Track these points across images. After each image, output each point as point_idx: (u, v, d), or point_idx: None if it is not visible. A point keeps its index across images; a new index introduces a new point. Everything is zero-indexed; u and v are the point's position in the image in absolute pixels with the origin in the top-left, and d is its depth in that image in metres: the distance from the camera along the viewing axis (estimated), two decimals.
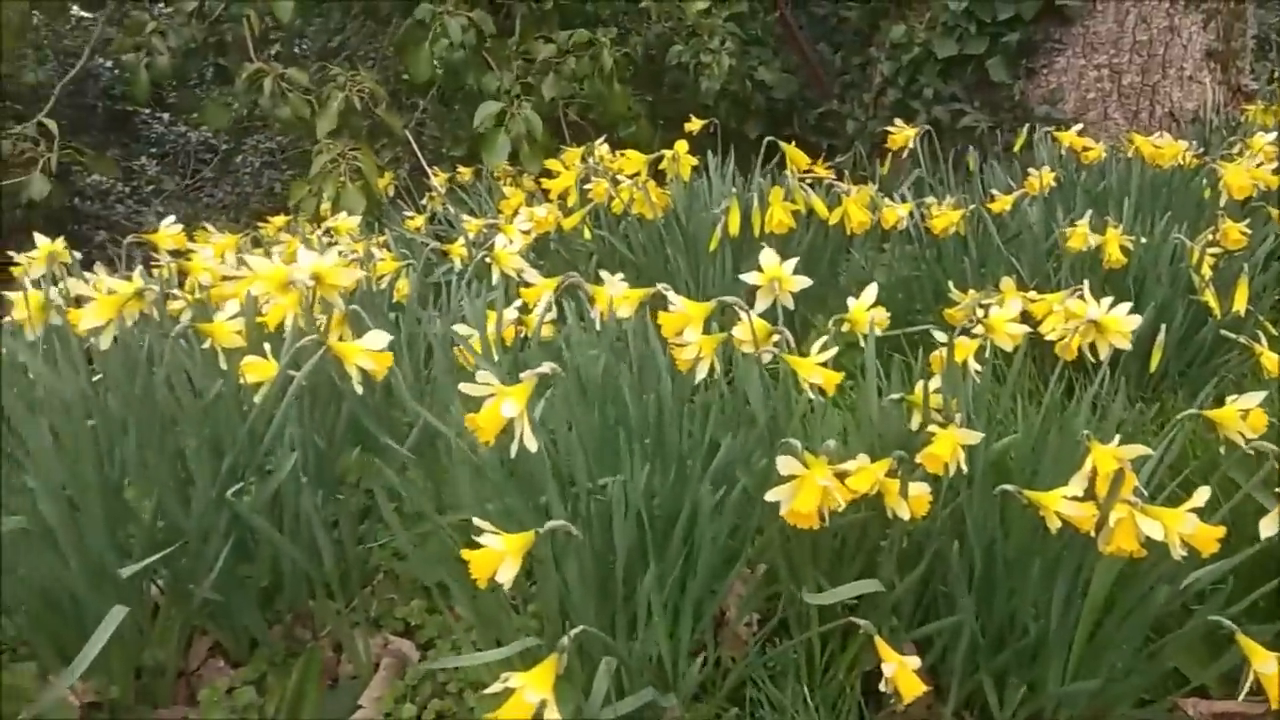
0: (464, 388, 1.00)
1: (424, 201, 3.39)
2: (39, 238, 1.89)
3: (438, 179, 3.23)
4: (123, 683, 1.21)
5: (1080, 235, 1.90)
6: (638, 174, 2.42)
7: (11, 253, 2.02)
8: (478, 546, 0.93)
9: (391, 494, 1.31)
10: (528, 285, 1.72)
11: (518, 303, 1.67)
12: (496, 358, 1.45)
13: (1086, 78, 3.34)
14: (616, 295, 1.48)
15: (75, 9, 5.11)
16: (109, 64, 5.98)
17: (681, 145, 2.49)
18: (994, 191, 2.30)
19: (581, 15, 3.79)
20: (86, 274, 1.98)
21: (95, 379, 1.34)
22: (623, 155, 2.67)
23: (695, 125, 3.19)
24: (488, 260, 1.99)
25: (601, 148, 3.07)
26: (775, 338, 1.29)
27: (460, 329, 1.54)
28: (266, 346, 1.29)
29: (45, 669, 1.24)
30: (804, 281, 1.45)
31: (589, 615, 1.11)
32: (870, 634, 1.02)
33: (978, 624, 1.19)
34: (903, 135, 2.54)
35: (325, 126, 2.86)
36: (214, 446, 1.22)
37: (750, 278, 1.45)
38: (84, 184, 6.39)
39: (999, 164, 2.84)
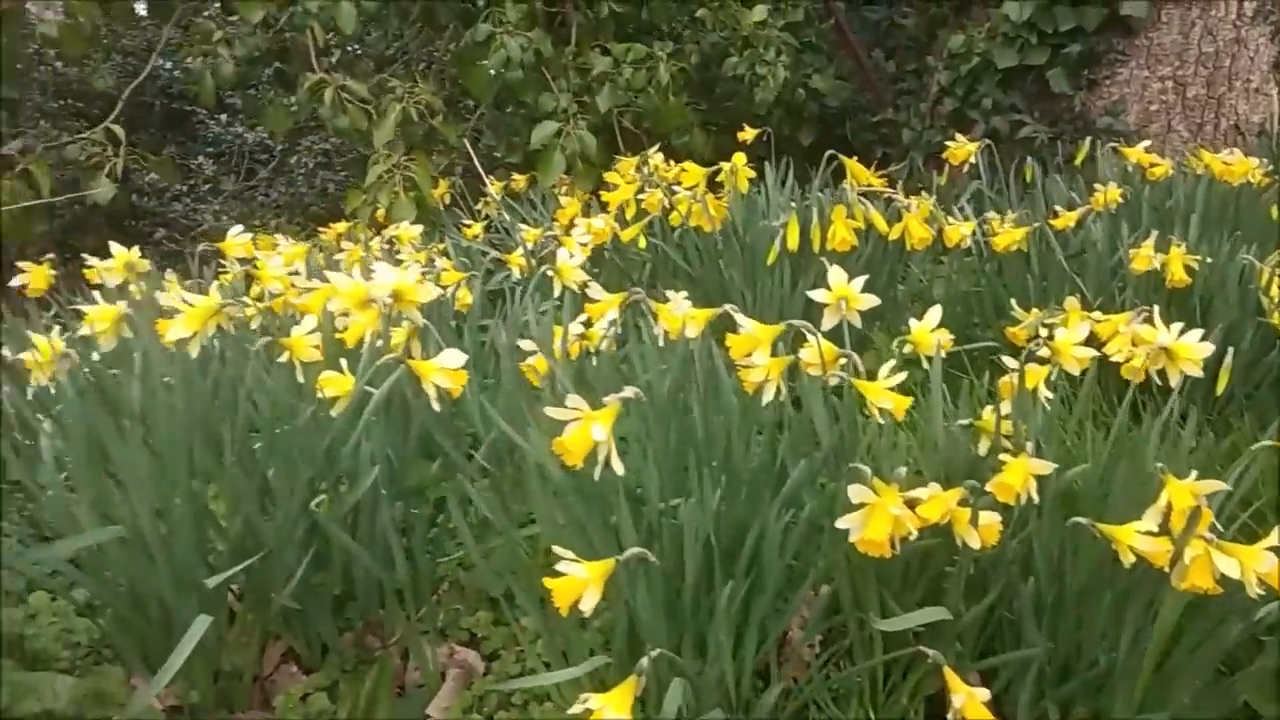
0: (551, 411, 1.02)
1: (479, 207, 3.43)
2: (115, 246, 1.96)
3: (493, 187, 3.27)
4: (203, 687, 1.25)
5: (1144, 258, 1.88)
6: (696, 186, 2.43)
7: (85, 255, 2.09)
8: (549, 557, 0.95)
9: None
10: (591, 300, 1.75)
11: (582, 318, 1.69)
12: (562, 374, 1.47)
13: (1150, 89, 3.30)
14: (681, 314, 1.49)
15: (140, 9, 5.22)
16: (168, 64, 6.12)
17: (739, 158, 2.49)
18: (1057, 208, 2.28)
19: (637, 23, 3.81)
20: (163, 281, 2.04)
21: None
22: (680, 168, 2.69)
23: (749, 135, 3.20)
24: (550, 274, 2.02)
25: (656, 157, 3.08)
26: (842, 361, 1.30)
27: (525, 344, 1.57)
28: (343, 361, 1.33)
29: (130, 669, 1.29)
30: (872, 300, 1.46)
31: (658, 635, 1.13)
32: (939, 664, 1.03)
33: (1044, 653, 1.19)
34: (964, 149, 2.52)
35: (383, 138, 2.91)
36: (291, 459, 1.26)
37: (817, 295, 1.46)
38: (142, 182, 6.54)
39: (1060, 176, 2.81)
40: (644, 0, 3.79)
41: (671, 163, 3.12)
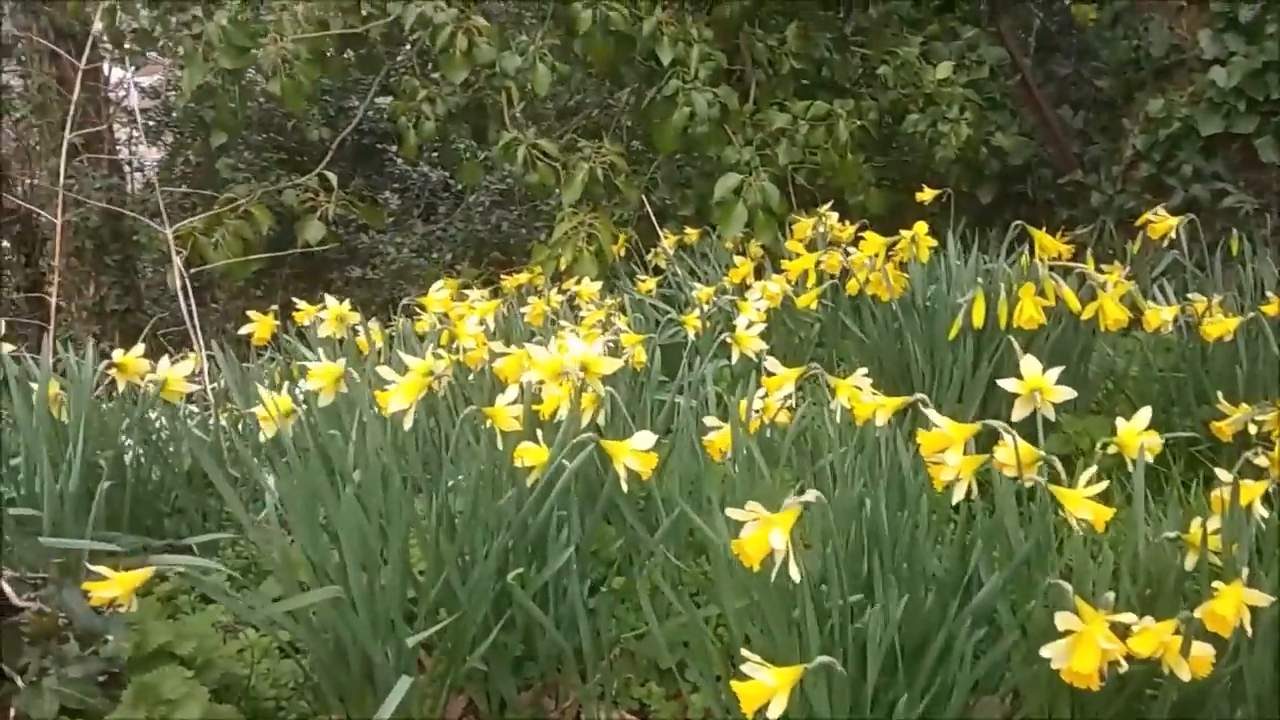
0: (731, 512, 1.03)
1: (649, 257, 3.52)
2: (330, 299, 2.12)
3: (667, 241, 3.34)
4: None
5: None
6: (876, 255, 2.41)
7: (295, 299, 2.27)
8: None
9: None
10: (769, 373, 1.76)
11: (760, 392, 1.71)
12: (746, 451, 1.49)
13: None
14: (866, 398, 1.49)
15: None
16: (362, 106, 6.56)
17: (921, 226, 2.46)
18: (1270, 294, 2.14)
19: (815, 80, 3.82)
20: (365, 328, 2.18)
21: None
22: (856, 229, 2.68)
23: (928, 195, 3.14)
24: (728, 340, 2.05)
25: (830, 216, 3.08)
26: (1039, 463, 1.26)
27: (709, 420, 1.60)
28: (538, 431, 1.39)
29: (328, 707, 1.38)
30: (1068, 393, 1.41)
31: None
32: None
33: None
34: (1164, 224, 2.40)
35: (571, 197, 3.03)
36: (489, 525, 1.32)
37: (1009, 385, 1.42)
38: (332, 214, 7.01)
39: (1267, 250, 2.64)
40: (824, 58, 3.80)
41: (846, 222, 3.11)
